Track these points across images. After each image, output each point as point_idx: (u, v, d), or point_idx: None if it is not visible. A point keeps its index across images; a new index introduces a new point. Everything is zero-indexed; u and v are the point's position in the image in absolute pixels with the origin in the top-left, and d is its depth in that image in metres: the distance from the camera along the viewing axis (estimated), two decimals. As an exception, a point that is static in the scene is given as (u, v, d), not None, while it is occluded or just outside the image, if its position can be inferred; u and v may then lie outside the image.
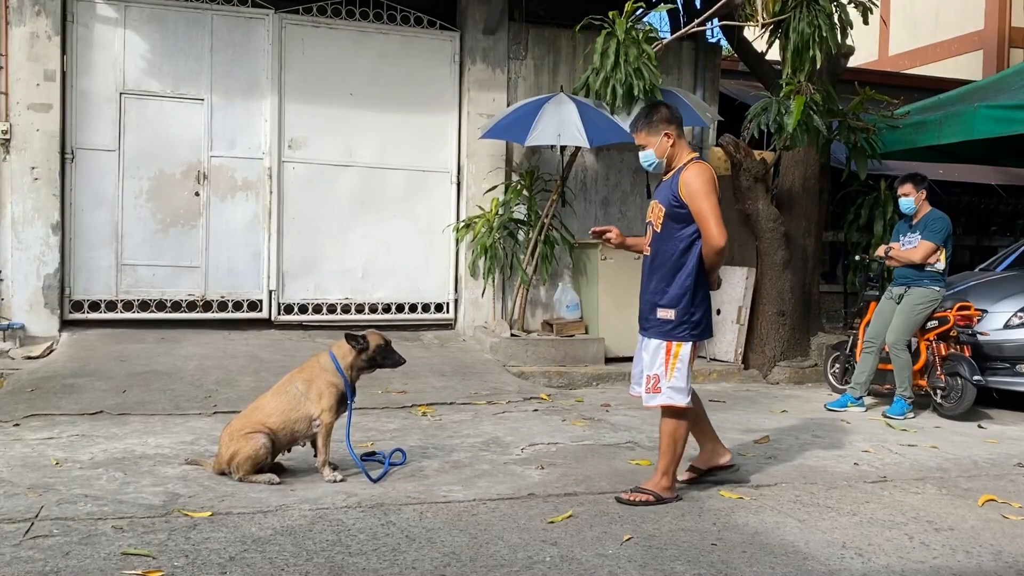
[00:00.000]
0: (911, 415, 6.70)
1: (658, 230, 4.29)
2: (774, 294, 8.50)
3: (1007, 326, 7.01)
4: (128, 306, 7.88)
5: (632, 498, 4.20)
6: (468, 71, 8.67)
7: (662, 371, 4.23)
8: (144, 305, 7.92)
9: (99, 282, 7.82)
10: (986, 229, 12.24)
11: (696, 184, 4.14)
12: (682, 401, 4.24)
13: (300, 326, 8.34)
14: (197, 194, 8.07)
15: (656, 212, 4.32)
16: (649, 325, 4.32)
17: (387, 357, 4.57)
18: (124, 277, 7.88)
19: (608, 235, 4.53)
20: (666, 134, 4.29)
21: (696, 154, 4.37)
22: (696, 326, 4.25)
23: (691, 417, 4.37)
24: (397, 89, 8.58)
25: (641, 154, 4.41)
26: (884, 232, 8.88)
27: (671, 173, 4.32)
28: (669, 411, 4.28)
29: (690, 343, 4.24)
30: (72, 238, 7.70)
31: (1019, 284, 7.44)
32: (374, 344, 4.53)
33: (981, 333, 6.98)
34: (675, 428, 4.28)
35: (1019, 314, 7.01)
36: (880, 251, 6.98)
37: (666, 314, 4.23)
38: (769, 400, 7.37)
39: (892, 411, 6.70)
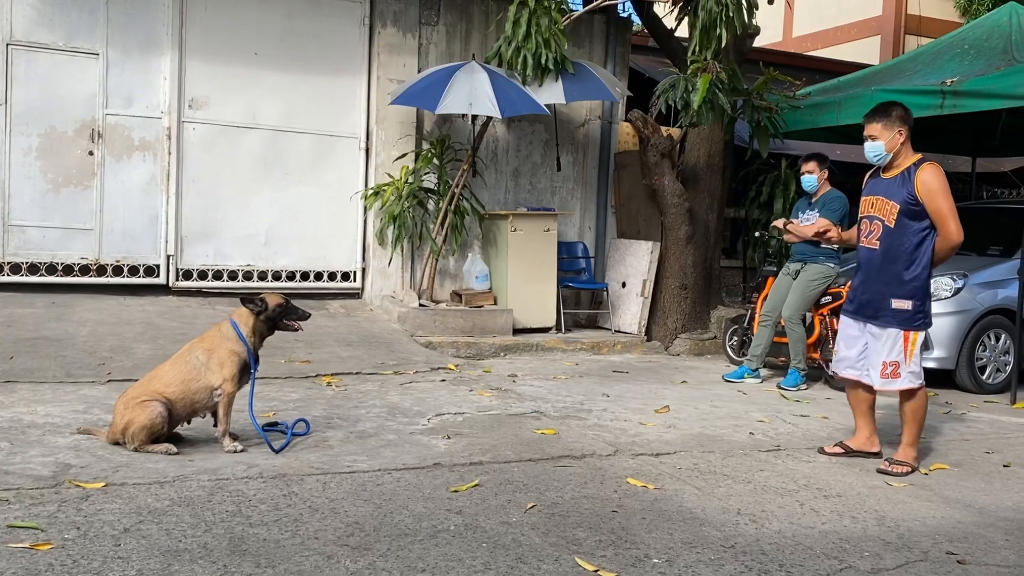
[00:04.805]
0: (804, 387, 6.96)
1: (891, 226, 4.56)
2: (677, 268, 8.69)
3: (895, 302, 7.34)
4: (16, 269, 7.51)
5: (893, 469, 4.59)
6: (378, 34, 8.51)
7: (901, 358, 4.57)
8: (33, 268, 7.56)
9: (-17, 243, 7.43)
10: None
11: (935, 184, 4.45)
12: (919, 383, 4.62)
13: (199, 293, 8.10)
14: (91, 153, 7.72)
15: (886, 208, 4.57)
16: (883, 314, 4.62)
17: (289, 315, 4.47)
18: (11, 239, 7.50)
19: (829, 234, 5.06)
20: (899, 131, 4.56)
21: (921, 155, 4.60)
22: (928, 314, 4.63)
23: (926, 394, 4.72)
24: (305, 50, 8.36)
25: (869, 145, 4.64)
26: (784, 210, 9.15)
27: (897, 171, 4.58)
28: (907, 392, 4.64)
29: (924, 330, 4.59)
30: (-47, 196, 7.29)
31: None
32: (273, 304, 4.43)
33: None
34: (917, 406, 4.66)
35: (906, 291, 7.35)
36: (779, 223, 7.18)
37: (903, 305, 4.55)
38: (670, 371, 7.55)
39: (786, 383, 6.95)
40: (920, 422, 4.69)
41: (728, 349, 8.16)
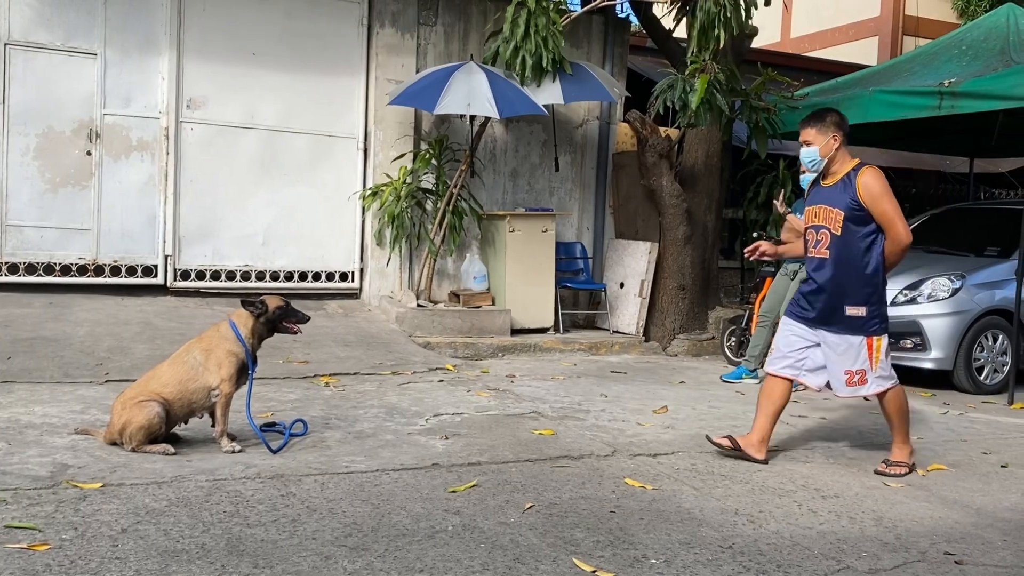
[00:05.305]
0: (802, 387, 6.95)
1: (838, 233, 4.51)
2: (675, 269, 8.69)
3: (893, 303, 7.33)
4: (13, 269, 7.51)
5: (891, 471, 4.59)
6: (377, 35, 8.51)
7: (867, 365, 4.55)
8: (31, 268, 7.55)
9: (-19, 243, 7.42)
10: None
11: (877, 188, 4.41)
12: (889, 384, 4.60)
13: (197, 293, 8.10)
14: (89, 153, 7.71)
15: (830, 216, 4.53)
16: (837, 322, 4.55)
17: (288, 317, 4.48)
18: (9, 239, 7.49)
19: (762, 249, 4.99)
20: (834, 137, 4.55)
21: (859, 160, 4.57)
22: (884, 318, 4.57)
23: (902, 389, 4.68)
24: (303, 50, 8.36)
25: (804, 150, 4.62)
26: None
27: (836, 178, 4.55)
28: (880, 394, 4.62)
29: (885, 334, 4.54)
30: (-49, 196, 7.28)
31: (905, 263, 7.78)
32: (273, 306, 4.44)
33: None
34: (897, 405, 4.65)
35: (905, 291, 7.37)
36: (779, 202, 7.16)
37: (857, 311, 4.50)
38: (668, 372, 7.55)
39: (784, 383, 6.94)
40: (905, 418, 4.69)
41: (726, 350, 8.16)
